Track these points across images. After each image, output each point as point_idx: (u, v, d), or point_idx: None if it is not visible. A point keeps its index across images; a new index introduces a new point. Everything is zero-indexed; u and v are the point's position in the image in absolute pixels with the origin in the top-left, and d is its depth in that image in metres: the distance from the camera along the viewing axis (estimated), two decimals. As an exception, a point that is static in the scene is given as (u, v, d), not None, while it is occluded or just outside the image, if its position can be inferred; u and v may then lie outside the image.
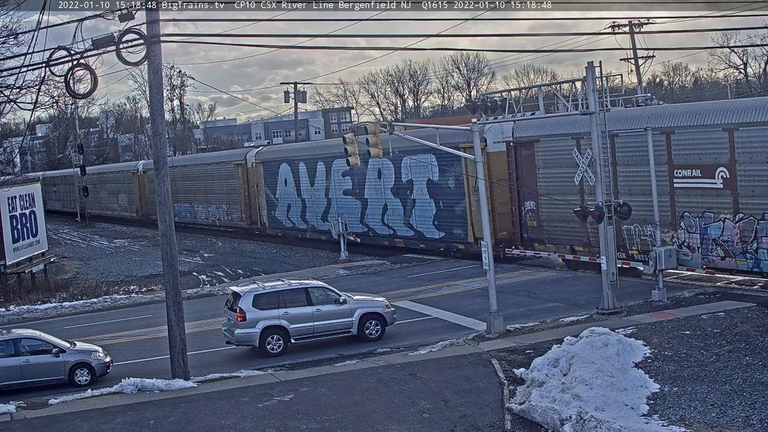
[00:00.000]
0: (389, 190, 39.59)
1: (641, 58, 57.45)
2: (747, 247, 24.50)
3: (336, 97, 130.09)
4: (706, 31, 70.14)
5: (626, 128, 27.47)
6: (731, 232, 25.02)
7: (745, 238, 24.58)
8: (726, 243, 25.22)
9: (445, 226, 36.41)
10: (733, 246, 25.00)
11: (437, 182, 36.54)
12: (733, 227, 24.92)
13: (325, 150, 44.35)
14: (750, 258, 24.51)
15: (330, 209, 43.58)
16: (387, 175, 39.59)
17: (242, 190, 50.74)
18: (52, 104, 45.44)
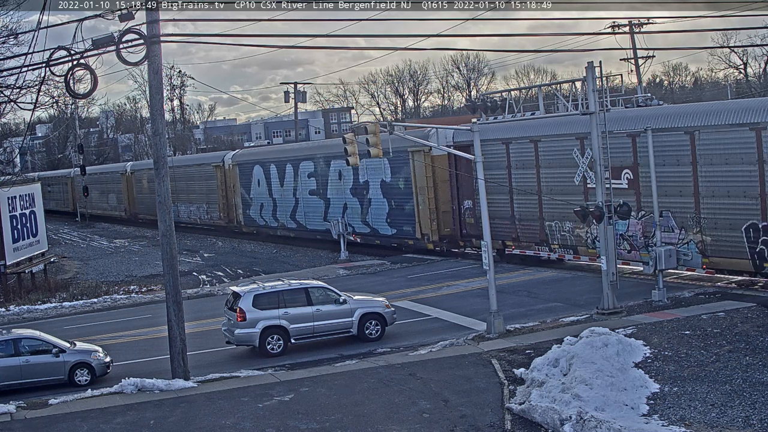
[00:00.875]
0: (348, 191, 42.24)
1: (641, 58, 57.47)
2: (648, 241, 26.89)
3: (336, 97, 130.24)
4: (705, 31, 70.21)
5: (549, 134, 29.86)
6: (635, 228, 27.74)
7: (647, 233, 27.15)
8: (631, 238, 27.92)
9: (397, 224, 39.03)
10: (637, 240, 27.62)
11: (389, 183, 39.17)
12: (637, 223, 27.58)
13: (293, 153, 47.78)
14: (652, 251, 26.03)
15: (297, 208, 46.30)
16: (346, 176, 42.09)
17: (220, 191, 53.57)
18: (52, 104, 45.60)
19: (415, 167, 36.72)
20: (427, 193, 37.07)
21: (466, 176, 33.73)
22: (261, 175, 49.20)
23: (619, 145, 27.34)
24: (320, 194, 44.36)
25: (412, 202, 37.78)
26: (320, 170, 43.84)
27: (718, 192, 25.09)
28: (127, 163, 73.79)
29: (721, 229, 25.09)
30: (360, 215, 41.56)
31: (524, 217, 32.39)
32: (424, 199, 36.92)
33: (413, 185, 37.49)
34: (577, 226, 29.67)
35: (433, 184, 36.97)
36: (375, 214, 40.44)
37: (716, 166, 25.04)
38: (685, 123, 25.45)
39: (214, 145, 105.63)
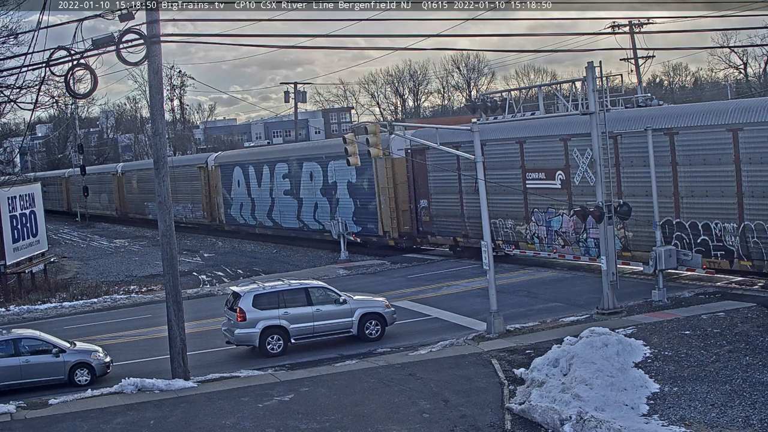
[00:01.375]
0: (319, 191, 44.63)
1: (641, 58, 57.47)
2: (579, 237, 30.02)
3: (336, 97, 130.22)
4: (705, 31, 70.18)
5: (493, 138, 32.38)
6: (567, 224, 30.43)
7: (577, 230, 30.00)
8: (564, 234, 30.71)
9: (362, 222, 41.48)
10: (569, 236, 30.52)
11: (355, 184, 41.57)
12: (569, 221, 30.17)
13: (269, 155, 50.60)
14: (582, 246, 30.05)
15: (273, 207, 48.71)
16: (317, 177, 44.62)
17: (204, 191, 55.96)
18: (52, 104, 45.73)
19: (378, 169, 38.90)
20: (388, 194, 39.37)
21: (422, 178, 37.16)
22: (240, 176, 51.50)
23: (553, 149, 30.21)
24: (293, 194, 46.65)
25: (375, 202, 40.07)
26: (293, 171, 46.31)
27: (638, 191, 27.25)
28: (118, 164, 75.93)
29: (641, 225, 27.02)
30: (329, 214, 43.61)
31: (472, 215, 34.24)
32: (386, 199, 39.28)
33: (376, 186, 39.82)
34: (518, 224, 32.72)
35: (393, 185, 39.14)
36: (343, 213, 42.38)
37: (636, 168, 27.50)
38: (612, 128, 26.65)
39: (214, 145, 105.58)
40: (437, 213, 37.07)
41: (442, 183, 36.46)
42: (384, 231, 39.70)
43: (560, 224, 30.66)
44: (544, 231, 31.33)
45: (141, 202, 67.53)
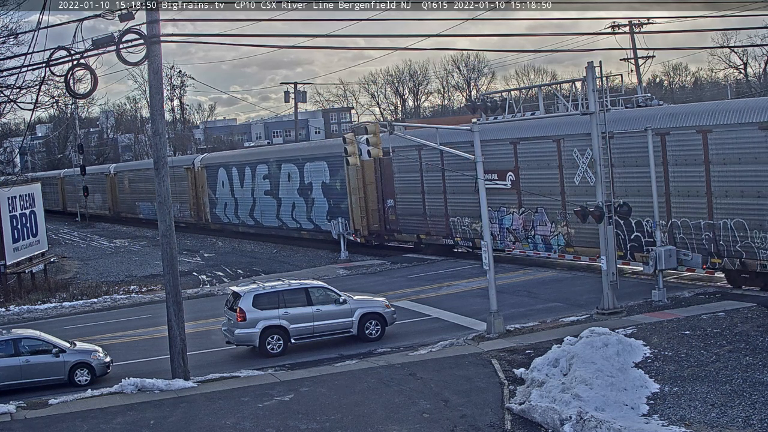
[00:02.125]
0: (296, 191, 46.84)
1: (641, 58, 57.46)
2: (528, 233, 32.48)
3: (336, 97, 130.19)
4: (705, 31, 70.20)
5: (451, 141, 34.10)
6: (517, 222, 32.94)
7: (526, 227, 32.57)
8: (515, 231, 33.24)
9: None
10: (519, 233, 33.05)
11: (329, 184, 43.76)
12: (519, 218, 32.88)
13: (251, 157, 53.20)
14: (530, 242, 32.55)
15: (255, 207, 50.94)
16: (294, 178, 46.86)
17: (191, 191, 58.34)
18: (52, 104, 45.82)
19: (349, 171, 40.58)
20: (358, 194, 41.50)
21: (388, 179, 39.56)
22: (225, 177, 53.75)
23: (504, 151, 32.61)
24: (273, 194, 48.90)
25: (347, 202, 42.24)
26: (273, 173, 48.58)
27: (578, 191, 29.56)
28: (111, 165, 77.98)
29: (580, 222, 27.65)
30: (306, 213, 46.08)
31: (434, 213, 37.37)
32: (356, 199, 41.46)
33: (347, 186, 41.95)
34: (474, 222, 34.62)
35: (363, 186, 41.26)
36: (317, 212, 44.91)
37: (575, 170, 29.87)
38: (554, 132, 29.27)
39: (214, 145, 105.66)
40: (402, 212, 39.42)
41: (406, 184, 38.90)
42: (355, 229, 41.83)
43: (511, 222, 33.28)
44: (497, 228, 33.53)
45: (132, 202, 69.74)
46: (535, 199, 31.26)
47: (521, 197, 32.41)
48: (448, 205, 36.41)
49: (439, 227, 36.96)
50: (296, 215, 46.90)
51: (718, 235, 25.41)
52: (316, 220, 45.27)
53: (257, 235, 51.29)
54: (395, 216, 39.44)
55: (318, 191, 44.54)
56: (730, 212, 25.03)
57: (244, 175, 51.52)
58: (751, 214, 24.51)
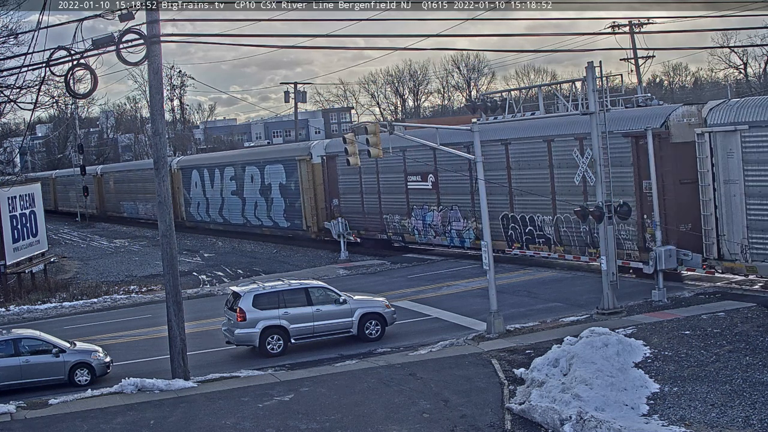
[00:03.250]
0: (258, 191, 50.14)
1: (641, 58, 57.44)
2: (445, 228, 36.46)
3: (336, 97, 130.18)
4: (705, 31, 70.18)
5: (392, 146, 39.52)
6: (437, 218, 36.91)
7: (444, 223, 36.54)
8: (435, 226, 37.18)
9: (291, 218, 47.14)
10: (438, 228, 37.03)
11: (285, 185, 47.13)
12: (438, 215, 36.86)
13: (220, 160, 57.22)
14: (447, 236, 36.50)
15: (223, 206, 54.61)
16: (256, 179, 50.26)
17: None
18: (52, 104, 46.00)
19: (301, 173, 45.14)
20: (309, 194, 45.00)
21: (334, 180, 43.34)
22: (197, 179, 57.48)
23: (425, 156, 36.00)
24: (239, 194, 52.54)
25: (300, 201, 45.89)
26: (238, 174, 52.27)
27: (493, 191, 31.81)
28: (98, 166, 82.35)
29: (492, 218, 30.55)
30: (266, 211, 49.55)
31: (370, 211, 41.18)
32: (308, 198, 45.04)
33: (301, 187, 45.61)
34: (403, 218, 38.99)
35: (313, 187, 44.69)
36: (276, 210, 48.46)
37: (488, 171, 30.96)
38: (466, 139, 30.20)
39: (214, 145, 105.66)
40: (345, 210, 42.88)
41: (348, 185, 42.71)
42: (307, 226, 45.60)
43: (432, 218, 37.33)
44: (421, 224, 38.07)
45: (117, 201, 73.98)
46: (450, 198, 36.01)
47: (440, 196, 36.67)
48: (382, 204, 40.44)
49: (375, 224, 40.93)
50: (258, 213, 50.38)
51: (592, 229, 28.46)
52: (275, 217, 48.80)
53: (225, 231, 55.05)
54: (340, 214, 42.82)
55: (276, 191, 47.98)
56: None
57: (214, 177, 55.24)
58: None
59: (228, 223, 54.27)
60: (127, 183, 70.71)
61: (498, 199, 32.53)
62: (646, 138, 25.51)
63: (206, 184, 56.43)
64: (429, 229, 37.50)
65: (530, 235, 31.99)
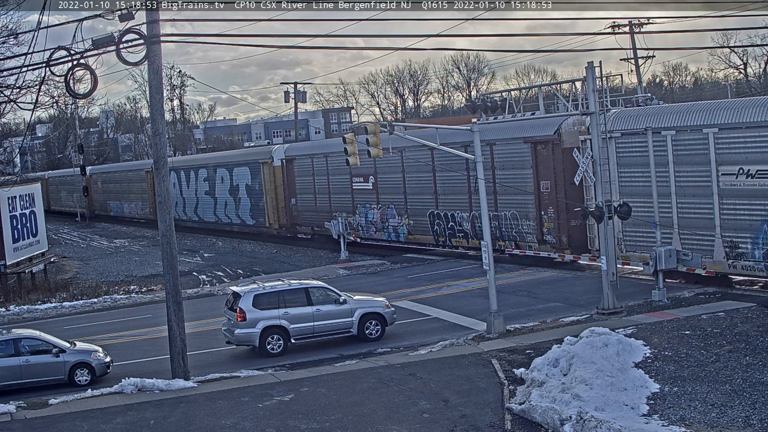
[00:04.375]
0: (227, 192, 54.37)
1: (641, 58, 57.43)
2: (384, 224, 40.58)
3: (336, 97, 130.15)
4: (705, 32, 70.13)
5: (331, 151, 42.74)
6: (377, 216, 40.98)
7: (383, 219, 40.61)
8: (375, 223, 41.23)
9: (256, 216, 51.30)
10: (378, 224, 41.12)
11: (251, 186, 51.24)
12: (377, 213, 40.92)
13: (195, 162, 62.13)
14: (386, 232, 40.51)
15: (198, 205, 58.96)
16: (226, 180, 54.49)
17: (150, 191, 65.36)
18: (52, 104, 46.20)
19: (264, 175, 49.34)
20: (271, 194, 49.07)
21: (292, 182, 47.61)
22: (175, 180, 60.16)
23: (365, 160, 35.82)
24: (211, 194, 56.78)
25: (263, 200, 49.82)
26: (211, 176, 56.45)
27: (415, 191, 38.31)
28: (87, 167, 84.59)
29: (417, 215, 38.37)
30: (235, 210, 53.75)
31: (322, 210, 45.28)
32: (270, 198, 49.16)
33: (264, 188, 49.62)
34: (349, 216, 42.72)
35: (275, 187, 48.80)
36: (243, 209, 52.67)
37: (413, 174, 38.23)
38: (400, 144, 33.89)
39: (214, 145, 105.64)
40: (302, 209, 47.29)
41: (304, 186, 46.94)
42: (269, 223, 49.69)
43: (372, 216, 41.34)
44: (364, 221, 42.03)
45: (104, 201, 78.46)
46: (388, 198, 40.22)
47: (379, 196, 40.78)
48: (332, 203, 44.45)
49: (326, 221, 43.84)
50: (228, 212, 54.70)
51: (501, 224, 33.32)
52: (242, 216, 53.03)
53: (200, 229, 59.16)
54: (297, 212, 47.50)
55: (243, 192, 52.19)
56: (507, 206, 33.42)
57: (189, 178, 59.66)
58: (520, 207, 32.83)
59: (202, 221, 58.26)
60: (113, 184, 74.99)
61: (426, 198, 37.67)
62: (543, 144, 28.85)
63: (183, 184, 60.38)
64: (371, 226, 41.70)
65: (452, 230, 36.44)
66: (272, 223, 49.38)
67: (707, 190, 25.17)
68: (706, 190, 25.20)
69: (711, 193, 25.02)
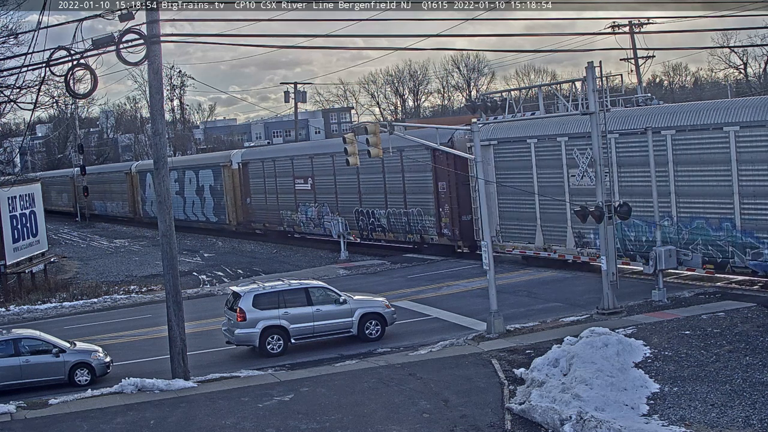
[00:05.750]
0: (194, 192, 59.68)
1: (641, 58, 57.41)
2: (320, 221, 45.13)
3: (336, 97, 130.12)
4: (705, 32, 70.09)
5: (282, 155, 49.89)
6: (314, 213, 45.86)
7: (319, 217, 45.37)
8: (313, 219, 46.06)
9: (218, 214, 56.89)
10: (316, 221, 45.69)
11: (214, 186, 56.89)
12: (315, 210, 45.75)
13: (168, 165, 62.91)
14: (321, 227, 44.91)
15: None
16: (193, 181, 59.78)
17: (129, 191, 72.37)
18: (52, 104, 46.31)
19: (224, 176, 55.10)
20: (230, 194, 54.67)
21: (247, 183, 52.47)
22: (149, 180, 65.64)
23: (304, 163, 46.72)
24: (181, 194, 61.37)
25: (224, 200, 55.50)
26: (180, 177, 60.88)
27: (343, 191, 43.54)
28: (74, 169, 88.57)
29: (344, 212, 42.85)
30: (201, 208, 59.03)
31: (271, 208, 50.16)
32: (229, 198, 54.83)
33: (224, 188, 55.31)
34: (293, 213, 47.80)
35: (233, 188, 54.34)
36: (207, 208, 58.16)
37: (343, 176, 43.13)
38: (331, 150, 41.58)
39: (214, 145, 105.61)
40: (255, 207, 52.28)
41: (257, 186, 51.79)
42: (229, 220, 55.29)
43: (312, 214, 46.19)
44: (304, 218, 46.94)
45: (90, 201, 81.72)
46: (323, 197, 45.11)
47: (316, 196, 45.66)
48: (279, 202, 49.20)
49: (275, 218, 49.85)
50: (195, 210, 60.01)
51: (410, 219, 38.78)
52: (207, 214, 58.56)
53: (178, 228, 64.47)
54: (252, 210, 52.45)
55: (207, 192, 57.62)
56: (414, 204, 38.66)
57: None
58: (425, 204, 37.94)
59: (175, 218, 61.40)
60: (98, 184, 78.86)
61: (352, 198, 42.79)
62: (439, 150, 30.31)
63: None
64: (309, 222, 46.52)
65: (373, 225, 41.66)
66: (231, 220, 54.88)
67: (560, 189, 30.51)
68: (560, 189, 30.52)
69: (562, 192, 30.35)
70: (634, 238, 27.98)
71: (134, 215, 71.98)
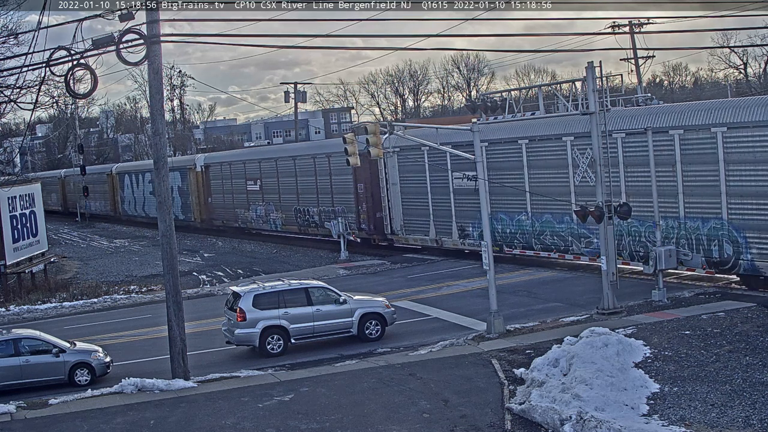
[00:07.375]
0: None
1: (641, 58, 57.40)
2: (267, 218, 50.37)
3: (336, 97, 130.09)
4: (705, 32, 70.10)
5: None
6: (262, 211, 51.06)
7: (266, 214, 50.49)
8: (261, 216, 51.37)
9: (186, 212, 61.22)
10: (264, 218, 50.78)
11: (181, 187, 61.30)
12: (263, 208, 50.93)
13: (141, 167, 71.47)
14: (268, 223, 50.56)
15: (144, 203, 67.89)
16: None
17: (110, 191, 77.66)
18: (52, 104, 46.30)
19: (190, 178, 59.96)
20: (196, 194, 59.51)
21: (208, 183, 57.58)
22: (128, 181, 72.02)
23: (254, 167, 52.18)
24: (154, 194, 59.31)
25: (190, 199, 60.29)
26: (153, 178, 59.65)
27: (285, 191, 48.34)
28: (62, 170, 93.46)
29: (285, 210, 48.39)
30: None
31: (228, 206, 55.52)
32: (195, 198, 59.70)
33: (190, 189, 60.11)
34: (246, 212, 53.12)
35: (198, 189, 59.19)
36: (176, 206, 61.13)
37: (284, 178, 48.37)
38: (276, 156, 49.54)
39: (214, 145, 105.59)
40: (216, 205, 57.37)
41: (216, 187, 57.07)
42: (194, 218, 60.13)
43: (260, 211, 51.34)
44: (254, 215, 52.24)
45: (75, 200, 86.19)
46: (269, 197, 50.31)
47: (264, 195, 50.95)
48: (234, 200, 54.46)
49: (231, 215, 55.33)
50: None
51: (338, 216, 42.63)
52: (176, 211, 59.64)
53: (146, 223, 67.22)
54: (213, 208, 57.69)
55: (176, 192, 61.27)
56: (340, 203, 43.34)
57: (138, 180, 69.74)
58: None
59: (148, 216, 65.71)
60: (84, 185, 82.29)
61: (291, 197, 47.76)
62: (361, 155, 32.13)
63: (134, 185, 71.13)
64: (259, 219, 51.83)
65: (308, 222, 46.51)
66: (196, 217, 60.03)
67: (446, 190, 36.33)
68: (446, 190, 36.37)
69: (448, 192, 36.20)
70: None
71: (115, 213, 77.19)
